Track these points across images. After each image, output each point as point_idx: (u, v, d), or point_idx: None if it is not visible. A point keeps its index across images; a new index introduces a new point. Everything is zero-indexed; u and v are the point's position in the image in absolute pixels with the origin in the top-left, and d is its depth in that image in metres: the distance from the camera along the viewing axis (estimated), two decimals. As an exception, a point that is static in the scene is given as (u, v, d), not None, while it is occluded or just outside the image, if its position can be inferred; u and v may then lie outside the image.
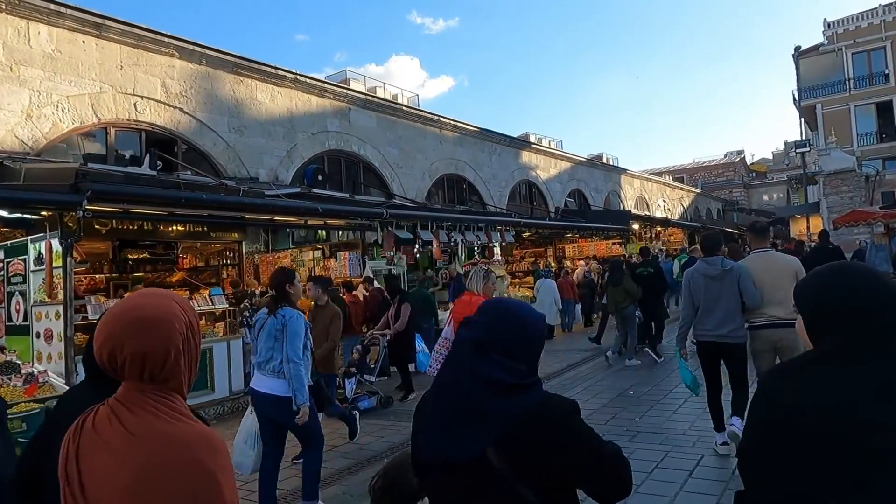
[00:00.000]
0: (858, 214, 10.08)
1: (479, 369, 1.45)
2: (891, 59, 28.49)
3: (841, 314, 1.21)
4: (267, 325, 3.98)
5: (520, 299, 5.92)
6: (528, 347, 1.53)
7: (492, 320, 1.55)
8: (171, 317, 1.19)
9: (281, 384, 3.84)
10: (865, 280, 1.23)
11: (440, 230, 11.48)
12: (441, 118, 17.22)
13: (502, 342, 1.49)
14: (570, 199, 24.98)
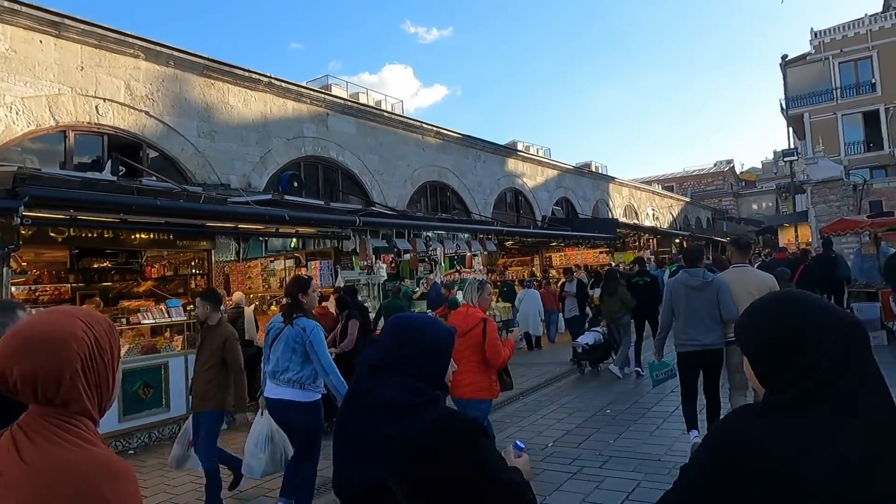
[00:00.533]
0: (846, 223, 9.82)
1: (374, 392, 1.43)
2: (877, 68, 28.53)
3: (787, 352, 1.09)
4: (284, 334, 3.93)
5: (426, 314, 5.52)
6: (429, 363, 1.48)
7: (389, 338, 1.52)
8: (67, 336, 1.13)
9: (295, 393, 3.86)
10: (813, 311, 1.10)
11: (417, 239, 11.11)
12: (423, 124, 16.91)
13: (398, 359, 1.45)
14: (557, 207, 24.72)
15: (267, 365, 4.06)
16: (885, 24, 28.51)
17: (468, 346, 4.05)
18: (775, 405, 1.09)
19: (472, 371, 4.04)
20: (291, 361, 3.86)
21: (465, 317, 4.23)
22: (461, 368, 3.94)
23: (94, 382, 1.15)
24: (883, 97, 28.36)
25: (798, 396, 1.05)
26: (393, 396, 1.40)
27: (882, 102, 28.39)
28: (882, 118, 28.45)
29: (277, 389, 3.91)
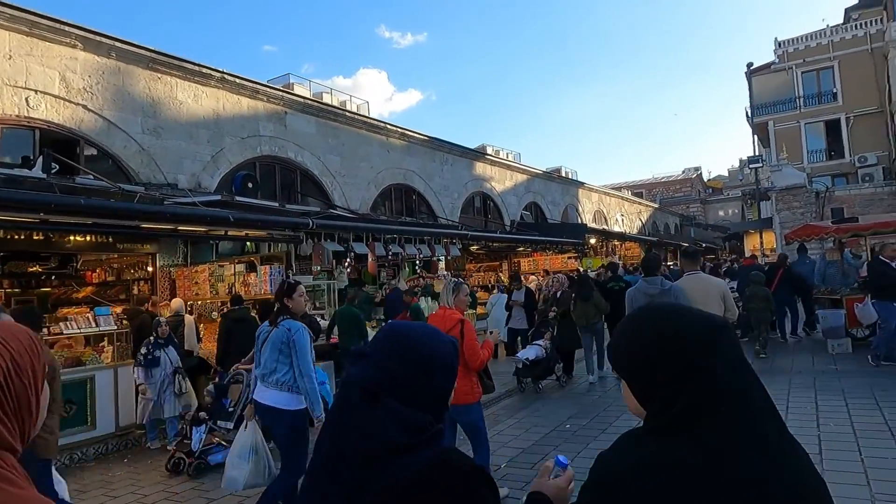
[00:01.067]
0: (810, 229, 9.69)
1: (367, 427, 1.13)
2: (838, 78, 29.10)
3: (662, 367, 1.03)
4: (272, 336, 3.92)
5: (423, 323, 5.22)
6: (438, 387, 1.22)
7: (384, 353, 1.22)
8: None
9: (282, 397, 3.80)
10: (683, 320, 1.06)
11: (376, 243, 10.64)
12: (388, 125, 16.46)
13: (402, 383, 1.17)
14: (526, 212, 24.49)
15: (256, 368, 4.05)
16: (845, 35, 29.13)
17: None
18: (655, 428, 1.02)
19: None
20: (279, 362, 3.84)
21: (442, 318, 4.14)
22: None
23: (11, 409, 1.00)
24: (844, 107, 28.94)
25: (676, 417, 0.98)
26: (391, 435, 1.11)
27: (843, 112, 28.96)
28: (843, 127, 29.01)
29: (266, 393, 3.85)
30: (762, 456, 0.94)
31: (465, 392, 4.00)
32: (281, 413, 3.77)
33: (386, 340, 1.25)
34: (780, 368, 8.23)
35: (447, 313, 4.20)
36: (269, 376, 3.85)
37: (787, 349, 9.89)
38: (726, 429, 0.96)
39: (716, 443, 0.95)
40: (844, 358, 8.50)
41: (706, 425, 0.96)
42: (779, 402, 6.42)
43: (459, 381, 4.04)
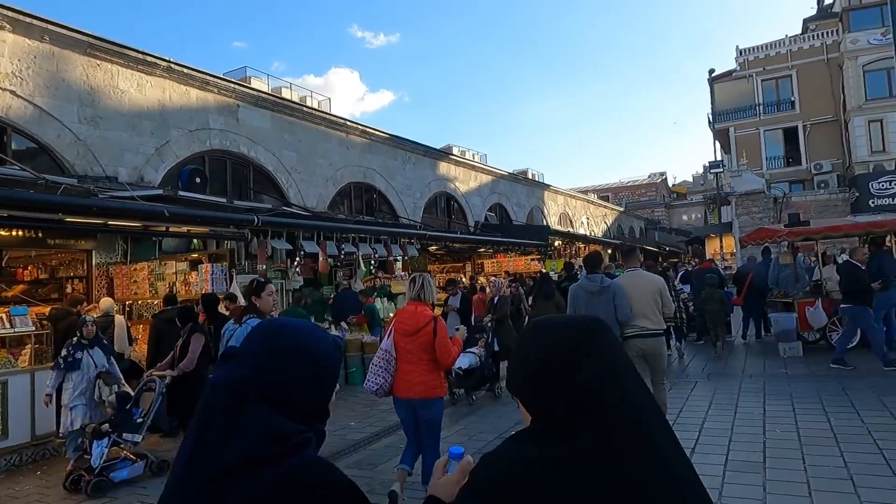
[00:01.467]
0: (764, 232, 9.71)
1: (227, 433, 1.01)
2: (796, 87, 29.80)
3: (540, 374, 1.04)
4: (237, 335, 3.94)
5: (304, 319, 4.69)
6: (314, 388, 1.11)
7: (255, 352, 1.10)
8: None
9: None
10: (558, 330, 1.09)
11: (328, 241, 10.27)
12: (348, 122, 16.08)
13: (273, 383, 1.06)
14: (490, 213, 24.35)
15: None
16: (803, 45, 29.86)
17: (418, 346, 3.96)
18: (536, 430, 1.04)
19: (423, 371, 3.95)
20: None
21: (413, 315, 4.04)
22: (411, 368, 3.94)
23: None
24: (801, 115, 29.66)
25: (556, 420, 1.00)
26: (248, 444, 1.01)
27: (800, 120, 29.68)
28: (800, 135, 29.72)
29: None
30: (638, 456, 0.94)
31: (433, 386, 3.99)
32: None
33: (260, 338, 1.14)
34: (732, 371, 8.18)
35: (419, 309, 4.07)
36: None
37: (741, 351, 9.89)
38: (604, 430, 0.96)
39: (594, 444, 0.96)
40: (795, 361, 8.50)
41: (584, 427, 0.97)
42: (728, 406, 6.36)
43: (428, 375, 3.89)
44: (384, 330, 7.86)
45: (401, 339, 4.02)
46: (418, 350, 3.95)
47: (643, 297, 5.16)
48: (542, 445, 0.99)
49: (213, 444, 1.03)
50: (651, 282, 5.29)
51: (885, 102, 26.49)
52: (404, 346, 3.99)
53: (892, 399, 5.94)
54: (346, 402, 7.98)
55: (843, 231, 8.78)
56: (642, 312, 5.13)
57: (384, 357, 4.08)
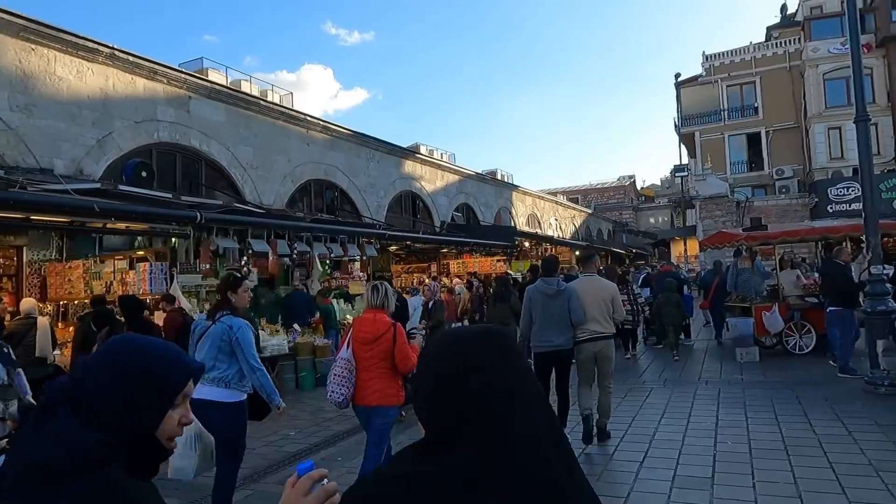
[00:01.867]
0: (723, 236, 9.65)
1: (24, 444, 1.03)
2: (760, 93, 30.31)
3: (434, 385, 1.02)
4: (210, 332, 3.80)
5: (156, 338, 4.73)
6: (134, 405, 1.07)
7: (91, 361, 1.12)
8: None
9: (220, 392, 3.73)
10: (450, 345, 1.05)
11: (279, 240, 9.85)
12: (309, 117, 15.62)
13: (90, 395, 1.05)
14: (457, 213, 24.10)
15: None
16: (766, 52, 30.40)
17: (376, 353, 3.99)
18: (425, 445, 1.00)
19: (380, 378, 4.00)
20: (217, 360, 3.75)
21: (373, 323, 4.08)
22: (368, 375, 3.97)
23: None
24: (764, 121, 30.17)
25: (442, 434, 0.97)
26: (39, 455, 0.97)
27: (763, 126, 30.19)
28: (763, 141, 30.24)
29: (202, 389, 3.69)
30: (527, 473, 0.91)
31: (390, 394, 4.03)
32: (220, 405, 3.69)
33: (100, 351, 1.15)
34: (688, 377, 8.05)
35: (377, 317, 4.10)
36: (206, 373, 3.69)
37: (699, 356, 9.81)
38: (489, 444, 0.94)
39: (474, 458, 0.93)
40: (751, 367, 8.42)
41: (468, 441, 0.94)
42: (681, 414, 6.20)
43: (384, 381, 3.86)
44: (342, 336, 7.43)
45: (359, 348, 4.05)
46: (377, 358, 3.99)
47: (596, 302, 5.33)
48: (421, 461, 0.97)
49: (12, 452, 1.06)
50: (604, 288, 5.47)
51: (843, 110, 27.06)
52: (363, 355, 4.03)
53: (844, 408, 5.85)
54: (292, 410, 7.59)
55: (800, 236, 8.77)
56: (594, 317, 5.30)
57: (345, 367, 4.07)
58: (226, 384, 3.75)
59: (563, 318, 5.20)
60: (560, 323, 5.19)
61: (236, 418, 3.80)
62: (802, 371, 7.89)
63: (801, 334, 8.93)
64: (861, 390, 6.41)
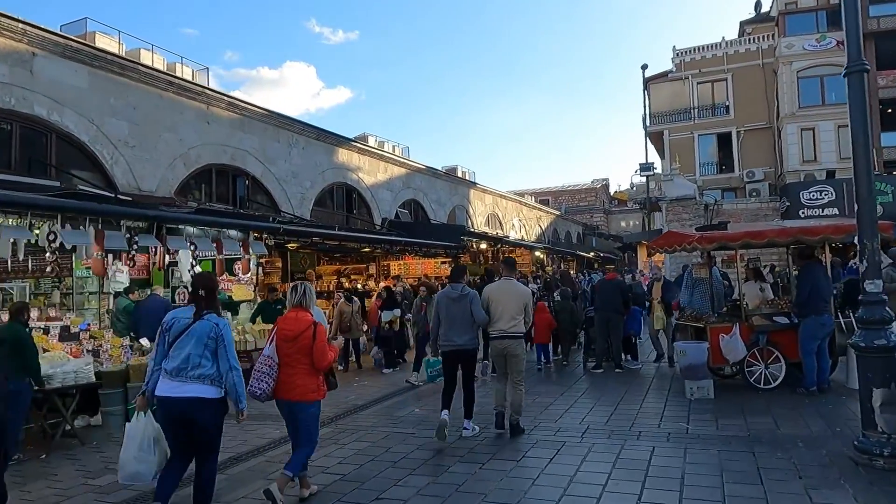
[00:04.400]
0: (673, 238, 7.70)
1: None
2: (731, 91, 28.79)
3: None
4: (197, 330, 3.72)
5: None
6: None
7: None
8: None
9: (206, 389, 3.68)
10: None
11: (109, 231, 7.63)
12: (209, 91, 13.38)
13: None
14: (403, 209, 22.00)
15: (167, 362, 3.73)
16: (739, 48, 28.89)
17: (298, 350, 4.15)
18: None
19: (302, 374, 4.16)
20: (204, 357, 3.70)
21: (295, 321, 4.25)
22: (291, 371, 4.14)
23: None
24: (735, 120, 28.65)
25: None
26: None
27: (734, 126, 28.66)
28: (734, 141, 28.72)
29: (186, 387, 3.65)
30: None
31: (310, 390, 4.18)
32: (208, 402, 3.67)
33: None
34: (618, 423, 6.03)
35: (300, 315, 4.28)
36: (189, 371, 3.67)
37: (641, 386, 7.84)
38: None
39: None
40: (702, 409, 6.45)
41: None
42: (588, 498, 4.20)
43: (306, 377, 4.19)
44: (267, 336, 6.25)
45: (282, 345, 4.18)
46: (298, 354, 4.13)
47: (509, 303, 5.73)
48: None
49: None
50: (519, 292, 5.88)
51: (817, 110, 25.68)
52: (285, 351, 4.15)
53: (826, 495, 3.89)
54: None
55: (767, 237, 6.83)
56: (505, 317, 5.70)
57: (267, 363, 4.17)
58: (211, 381, 3.70)
59: (465, 320, 5.66)
60: (462, 324, 5.66)
61: (220, 415, 3.78)
62: (767, 417, 5.95)
63: (767, 363, 7.01)
64: (849, 460, 4.45)
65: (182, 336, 3.70)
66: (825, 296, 6.80)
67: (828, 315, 6.76)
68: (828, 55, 25.65)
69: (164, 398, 3.67)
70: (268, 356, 4.16)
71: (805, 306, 6.78)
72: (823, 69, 25.78)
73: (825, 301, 6.79)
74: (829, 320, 6.76)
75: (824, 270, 7.06)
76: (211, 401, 3.66)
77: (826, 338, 6.77)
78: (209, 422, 3.67)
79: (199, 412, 3.64)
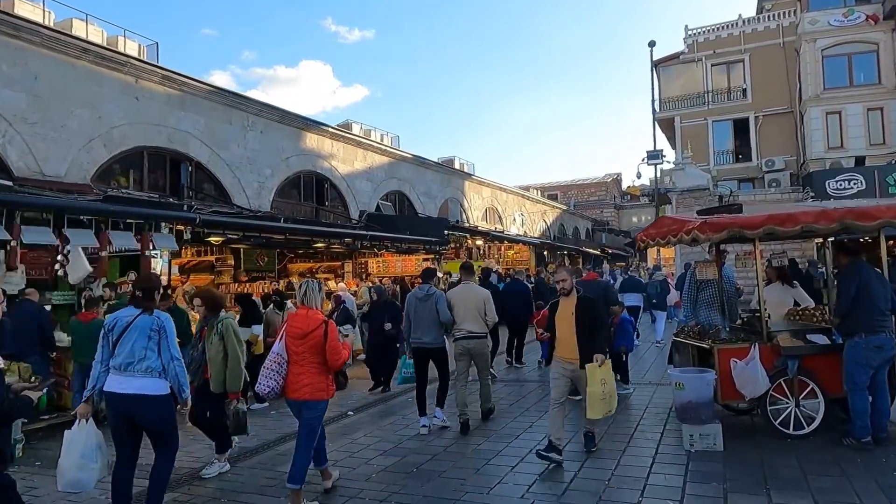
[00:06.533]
0: (667, 225, 5.63)
1: None
2: (749, 73, 26.50)
3: None
4: (139, 323, 3.76)
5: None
6: None
7: None
8: None
9: (154, 383, 3.68)
10: None
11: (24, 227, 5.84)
12: (135, 61, 11.58)
13: None
14: (386, 202, 20.11)
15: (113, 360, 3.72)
16: (757, 26, 26.58)
17: (308, 348, 4.11)
18: None
19: (311, 372, 4.11)
20: (148, 349, 3.70)
21: (305, 319, 4.20)
22: (299, 370, 4.10)
23: None
24: (753, 105, 26.38)
25: None
26: None
27: (752, 111, 26.39)
28: (752, 127, 26.45)
29: (135, 382, 3.63)
30: None
31: (320, 388, 4.14)
32: (156, 399, 3.67)
33: None
34: (578, 501, 4.10)
35: (310, 314, 4.23)
36: (135, 364, 3.66)
37: (628, 423, 5.89)
38: None
39: None
40: (705, 469, 4.48)
41: None
42: None
43: (315, 376, 4.16)
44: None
45: (292, 343, 4.13)
46: (308, 352, 4.11)
47: (470, 305, 6.12)
48: None
49: None
50: (478, 294, 6.28)
51: (844, 92, 23.32)
52: (295, 349, 4.11)
53: None
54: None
55: (800, 224, 4.70)
56: (468, 318, 6.08)
57: (276, 360, 4.13)
58: (158, 374, 3.69)
59: (431, 319, 5.97)
60: (429, 323, 5.97)
61: (169, 411, 3.74)
62: (801, 489, 3.99)
63: (799, 399, 5.02)
64: None
65: (126, 332, 3.72)
66: (881, 306, 4.81)
67: (886, 335, 4.76)
68: (856, 31, 23.30)
69: (110, 394, 3.68)
70: (277, 353, 4.15)
71: (850, 320, 4.80)
72: (851, 47, 23.41)
73: (881, 314, 4.79)
74: (888, 341, 4.76)
75: (877, 273, 5.04)
76: (155, 398, 3.64)
77: (885, 366, 4.78)
78: (155, 419, 3.66)
79: (143, 410, 3.63)
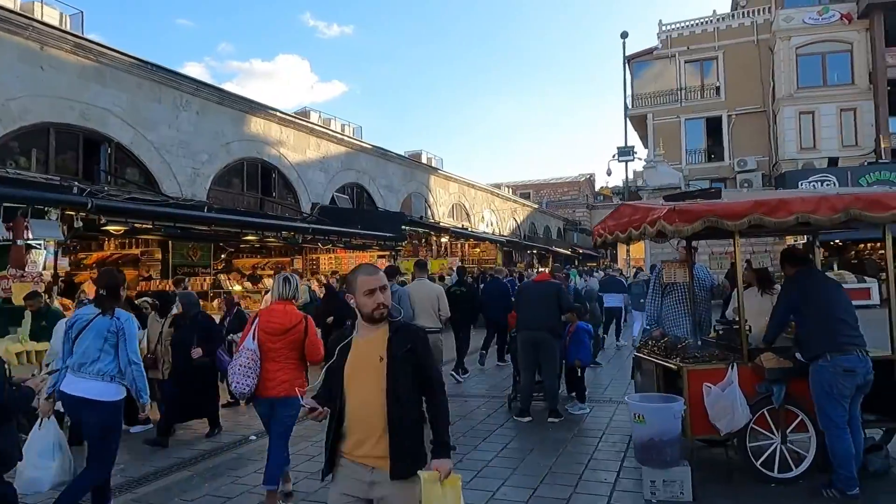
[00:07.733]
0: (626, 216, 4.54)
1: None
2: (722, 71, 25.92)
3: None
4: (96, 324, 3.69)
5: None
6: None
7: None
8: None
9: (99, 387, 3.60)
10: None
11: None
12: (40, 25, 10.15)
13: None
14: (342, 194, 18.86)
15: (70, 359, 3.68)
16: (732, 23, 26.04)
17: (287, 344, 4.03)
18: None
19: (290, 368, 4.03)
20: (103, 351, 3.64)
21: (284, 314, 4.10)
22: (277, 366, 3.98)
23: None
24: (726, 103, 25.81)
25: None
26: None
27: (725, 109, 25.82)
28: (724, 126, 25.87)
29: (82, 384, 3.57)
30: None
31: (298, 384, 3.93)
32: (97, 404, 3.56)
33: None
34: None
35: (288, 309, 4.14)
36: (88, 366, 3.59)
37: (578, 457, 4.84)
38: None
39: None
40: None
41: None
42: None
43: (294, 371, 4.06)
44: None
45: (267, 339, 3.99)
46: (286, 348, 4.01)
47: (424, 301, 6.48)
48: None
49: None
50: (431, 290, 6.76)
51: (818, 92, 22.88)
52: (272, 345, 3.98)
53: None
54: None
55: (794, 213, 3.62)
56: (423, 314, 6.37)
57: (251, 357, 3.96)
58: (110, 378, 3.62)
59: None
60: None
61: (115, 417, 3.69)
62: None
63: (785, 433, 4.01)
64: None
65: (83, 331, 3.66)
66: (842, 316, 3.83)
67: (857, 354, 3.75)
68: (830, 30, 22.86)
69: (61, 393, 3.64)
70: (252, 350, 3.97)
71: (811, 341, 3.84)
72: (825, 45, 22.97)
73: (847, 326, 3.80)
74: (860, 362, 3.75)
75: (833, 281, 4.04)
76: (96, 402, 3.55)
77: (859, 397, 3.79)
78: (91, 423, 3.58)
79: (85, 413, 3.59)
